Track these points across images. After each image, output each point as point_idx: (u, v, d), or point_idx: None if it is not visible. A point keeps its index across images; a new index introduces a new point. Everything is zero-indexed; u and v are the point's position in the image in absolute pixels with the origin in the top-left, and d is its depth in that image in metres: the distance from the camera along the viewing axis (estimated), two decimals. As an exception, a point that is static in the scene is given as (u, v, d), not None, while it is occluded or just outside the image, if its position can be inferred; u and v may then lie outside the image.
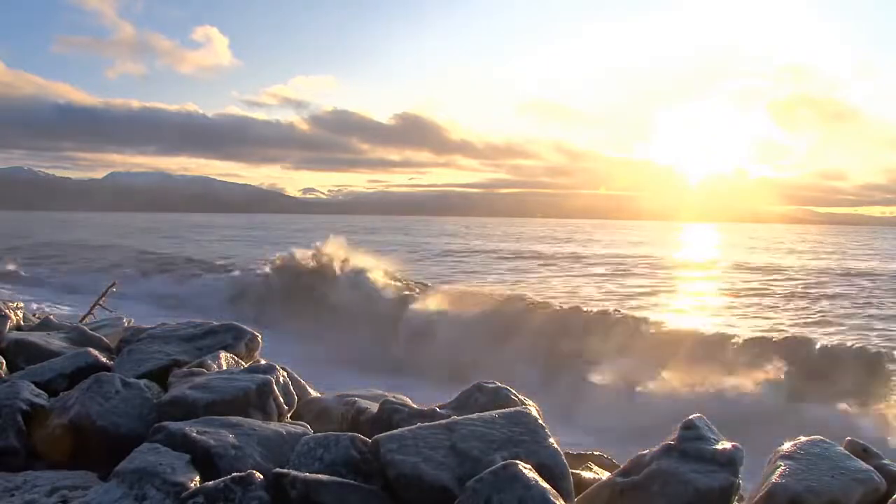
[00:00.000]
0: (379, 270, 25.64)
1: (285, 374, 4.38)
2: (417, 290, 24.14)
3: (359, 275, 25.36)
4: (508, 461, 2.85)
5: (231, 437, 3.36)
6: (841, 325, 20.04)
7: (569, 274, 34.12)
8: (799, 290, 27.09)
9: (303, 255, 29.06)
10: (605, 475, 3.73)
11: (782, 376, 14.15)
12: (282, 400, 4.08)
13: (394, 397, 4.28)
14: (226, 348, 4.83)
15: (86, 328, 5.85)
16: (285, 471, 2.97)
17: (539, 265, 40.53)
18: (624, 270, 36.70)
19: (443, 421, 3.37)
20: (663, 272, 36.47)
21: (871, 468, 3.07)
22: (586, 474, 3.85)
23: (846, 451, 3.20)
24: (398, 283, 25.33)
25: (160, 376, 4.42)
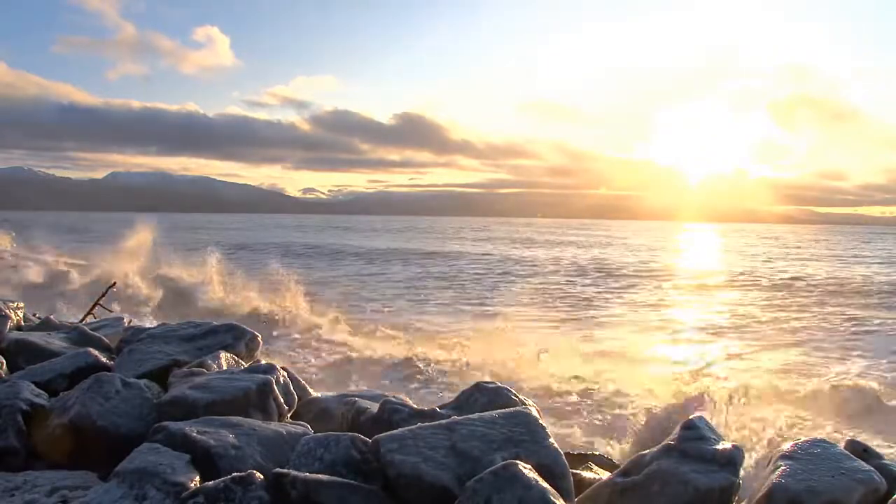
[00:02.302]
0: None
1: (285, 374, 4.39)
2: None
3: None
4: (508, 461, 2.86)
5: (231, 437, 3.36)
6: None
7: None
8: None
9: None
10: (605, 475, 3.74)
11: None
12: (282, 400, 4.08)
13: (394, 397, 4.28)
14: (226, 348, 4.83)
15: (86, 328, 5.85)
16: (285, 471, 2.97)
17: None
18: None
19: (443, 421, 3.37)
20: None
21: (872, 468, 3.07)
22: (586, 474, 3.85)
23: (846, 452, 3.20)
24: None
25: (160, 376, 4.43)
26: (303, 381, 4.90)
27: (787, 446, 3.22)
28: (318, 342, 13.80)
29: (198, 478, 3.04)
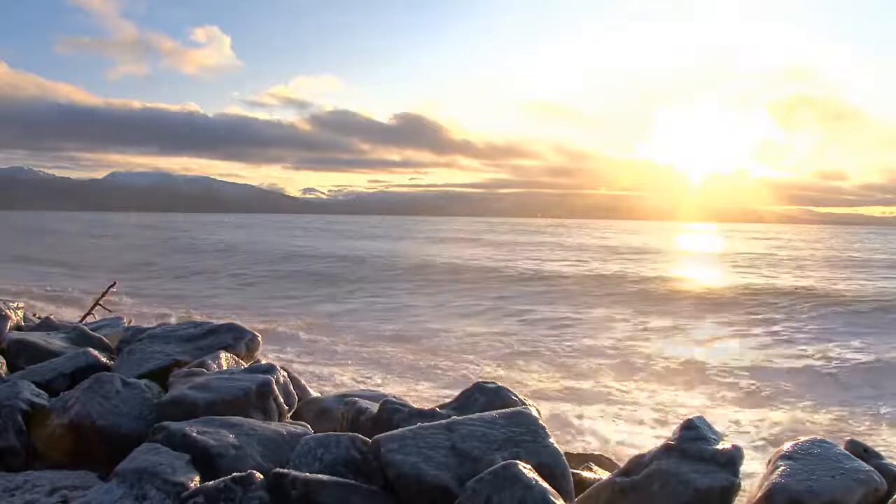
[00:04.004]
0: None
1: (285, 374, 4.39)
2: None
3: None
4: (509, 461, 2.86)
5: (231, 437, 3.36)
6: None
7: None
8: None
9: None
10: (604, 475, 3.73)
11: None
12: (282, 400, 4.08)
13: (394, 397, 4.28)
14: (226, 348, 4.83)
15: (86, 328, 5.85)
16: (285, 471, 2.97)
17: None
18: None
19: (443, 421, 3.38)
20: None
21: (872, 468, 3.07)
22: (586, 474, 3.85)
23: (846, 452, 3.20)
24: None
25: (160, 376, 4.42)
26: (303, 382, 4.91)
27: (786, 446, 3.22)
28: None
29: (198, 478, 3.04)
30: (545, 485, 2.77)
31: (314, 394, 4.92)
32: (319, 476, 2.97)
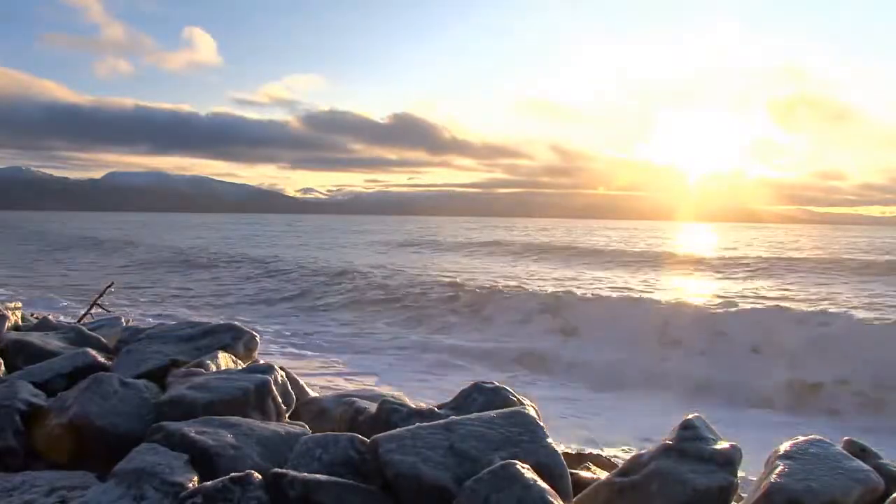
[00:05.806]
0: None
1: (283, 374, 4.39)
2: None
3: None
4: (507, 461, 2.86)
5: (230, 437, 3.36)
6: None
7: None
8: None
9: None
10: (603, 475, 3.74)
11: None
12: (280, 400, 4.08)
13: (392, 397, 4.29)
14: (224, 348, 4.83)
15: (84, 328, 5.85)
16: (284, 471, 2.97)
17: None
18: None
19: (441, 421, 3.38)
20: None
21: (870, 468, 3.07)
22: (584, 474, 3.86)
23: (844, 451, 3.20)
24: None
25: (159, 376, 4.42)
26: (301, 381, 4.90)
27: (785, 445, 3.22)
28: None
29: (196, 478, 3.03)
30: (543, 484, 2.77)
31: (312, 394, 4.92)
32: (318, 476, 2.97)
